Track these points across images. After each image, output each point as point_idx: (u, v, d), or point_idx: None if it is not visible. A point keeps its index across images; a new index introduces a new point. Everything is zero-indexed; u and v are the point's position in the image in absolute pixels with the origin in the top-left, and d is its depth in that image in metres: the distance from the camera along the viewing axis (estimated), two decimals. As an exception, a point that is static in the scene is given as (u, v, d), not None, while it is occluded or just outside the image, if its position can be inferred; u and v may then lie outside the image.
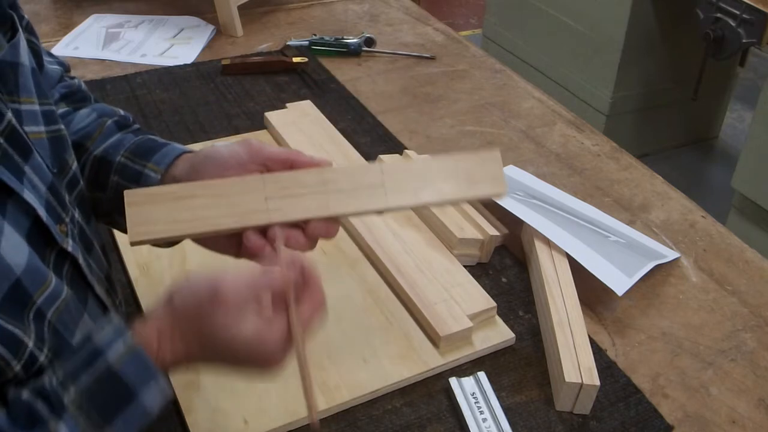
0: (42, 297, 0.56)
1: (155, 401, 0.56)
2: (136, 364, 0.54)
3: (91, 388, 0.53)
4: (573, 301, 0.84)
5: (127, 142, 0.72)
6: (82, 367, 0.54)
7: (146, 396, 0.55)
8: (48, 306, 0.57)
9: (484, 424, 0.72)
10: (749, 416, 0.77)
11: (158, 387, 0.56)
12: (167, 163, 0.68)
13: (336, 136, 1.14)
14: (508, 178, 1.09)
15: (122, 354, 0.54)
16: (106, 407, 0.53)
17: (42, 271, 0.57)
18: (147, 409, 0.55)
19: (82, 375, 0.53)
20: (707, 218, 1.07)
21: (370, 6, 1.71)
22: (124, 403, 0.54)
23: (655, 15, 2.56)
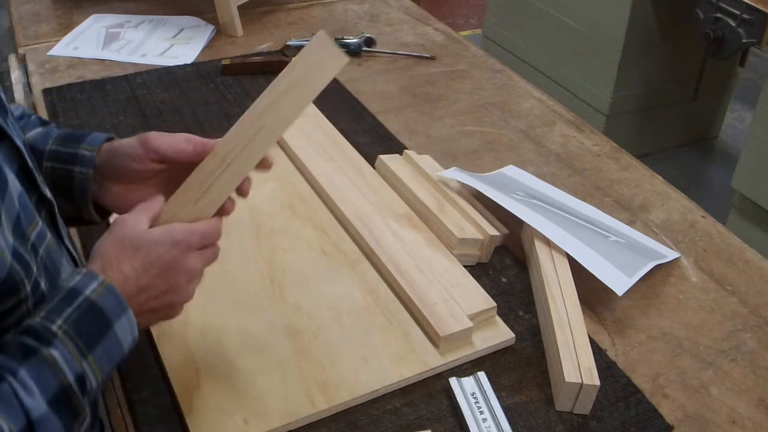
0: (33, 234, 0.63)
1: (127, 334, 0.62)
2: (112, 299, 0.61)
3: (75, 319, 0.59)
4: (573, 301, 0.84)
5: (53, 134, 0.77)
6: (64, 303, 0.59)
7: (120, 328, 0.61)
8: (39, 243, 0.64)
9: (484, 424, 0.72)
10: (749, 416, 0.77)
11: (128, 320, 0.62)
12: (99, 143, 0.75)
13: (336, 136, 1.14)
14: (508, 178, 1.09)
15: (98, 290, 0.60)
16: (89, 336, 0.59)
17: (31, 210, 0.64)
18: (121, 342, 0.61)
19: (65, 309, 0.59)
20: (707, 218, 1.07)
21: (370, 6, 1.71)
22: (103, 333, 0.60)
23: (655, 15, 2.56)
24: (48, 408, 0.56)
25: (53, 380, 0.57)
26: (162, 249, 0.64)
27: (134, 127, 1.19)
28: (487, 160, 1.17)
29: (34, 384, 0.56)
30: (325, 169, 1.05)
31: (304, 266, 0.91)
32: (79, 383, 0.58)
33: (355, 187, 1.02)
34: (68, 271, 0.68)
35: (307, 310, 0.84)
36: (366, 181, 1.04)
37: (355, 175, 1.05)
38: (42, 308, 0.59)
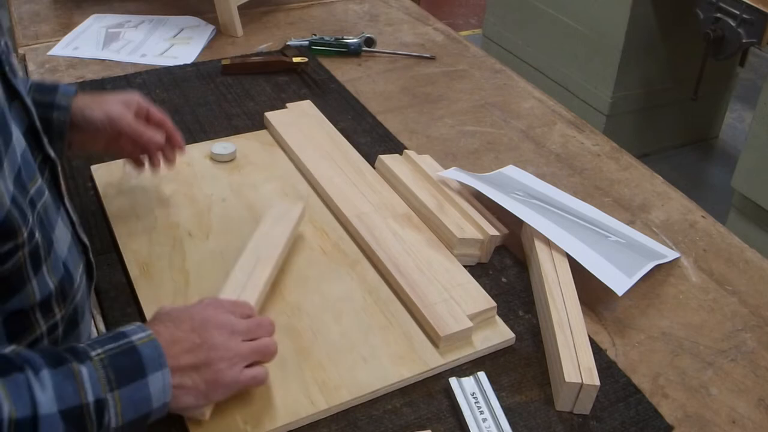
0: (33, 189, 0.66)
1: (159, 390, 0.63)
2: (154, 350, 0.63)
3: (115, 354, 0.62)
4: (573, 301, 0.84)
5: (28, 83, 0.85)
6: (109, 340, 0.63)
7: (153, 380, 0.62)
8: (37, 199, 0.67)
9: (484, 424, 0.72)
10: (749, 416, 0.77)
11: (164, 379, 0.63)
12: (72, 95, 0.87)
13: (336, 136, 1.14)
14: (508, 178, 1.09)
15: (143, 339, 0.64)
16: (122, 373, 0.61)
17: (33, 167, 0.67)
18: (151, 395, 0.62)
19: (107, 344, 0.62)
20: (707, 218, 1.07)
21: (370, 6, 1.71)
22: (136, 377, 0.61)
23: (655, 15, 2.56)
24: (58, 414, 0.56)
25: (73, 393, 0.58)
26: (195, 308, 0.71)
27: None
28: (487, 160, 1.17)
29: (52, 388, 0.57)
30: (325, 169, 1.06)
31: (304, 266, 0.91)
32: (97, 409, 0.59)
33: (355, 187, 1.02)
34: (63, 231, 0.72)
35: (307, 310, 0.84)
36: (366, 181, 1.04)
37: (355, 175, 1.05)
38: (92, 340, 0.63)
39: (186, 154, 1.11)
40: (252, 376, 0.70)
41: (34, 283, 0.66)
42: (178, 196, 1.01)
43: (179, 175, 1.05)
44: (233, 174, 1.07)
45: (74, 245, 0.75)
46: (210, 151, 1.09)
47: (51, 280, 0.68)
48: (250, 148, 1.13)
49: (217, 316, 0.70)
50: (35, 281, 0.66)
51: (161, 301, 0.84)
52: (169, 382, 0.63)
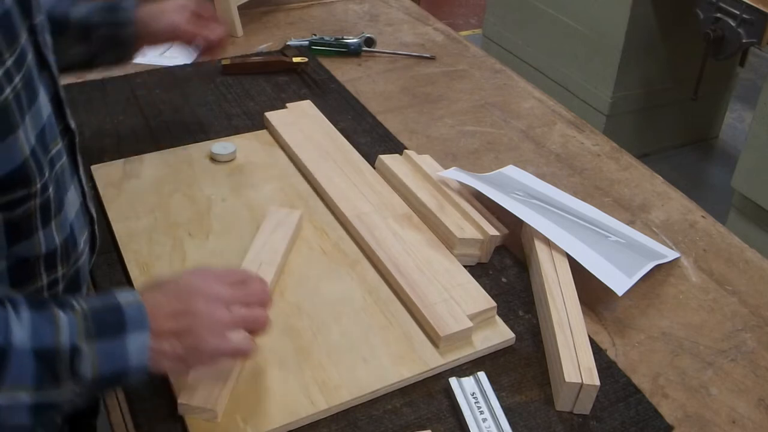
0: (53, 151, 0.71)
1: (136, 351, 0.63)
2: (138, 312, 0.64)
3: (97, 309, 0.63)
4: (573, 301, 0.84)
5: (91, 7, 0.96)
6: (96, 298, 0.65)
7: (132, 340, 0.63)
8: (57, 160, 0.72)
9: (484, 424, 0.72)
10: (749, 416, 0.77)
11: (144, 341, 0.63)
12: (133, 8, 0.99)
13: (336, 136, 1.14)
14: (508, 178, 1.09)
15: (130, 301, 0.65)
16: (101, 327, 0.62)
17: (55, 130, 0.73)
18: (128, 354, 0.63)
19: (93, 300, 0.64)
20: (707, 218, 1.07)
21: (370, 6, 1.71)
22: (115, 333, 0.62)
23: (655, 15, 2.56)
24: (30, 350, 0.58)
25: (49, 335, 0.59)
26: (184, 275, 0.71)
27: (134, 127, 1.19)
28: (487, 160, 1.17)
29: (30, 326, 0.59)
30: (325, 169, 1.06)
31: (304, 266, 0.91)
32: (71, 355, 0.60)
33: (355, 187, 1.02)
34: (74, 197, 0.77)
35: (307, 310, 0.84)
36: (366, 181, 1.04)
37: (355, 175, 1.05)
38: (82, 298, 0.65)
39: (186, 154, 1.11)
40: (236, 346, 0.69)
41: (41, 235, 0.70)
42: (178, 196, 1.01)
43: (179, 175, 1.05)
44: (233, 174, 1.07)
45: (82, 214, 0.79)
46: (210, 151, 1.09)
47: (57, 237, 0.72)
48: (250, 148, 1.13)
49: (204, 284, 0.70)
50: (42, 233, 0.70)
51: (161, 301, 0.84)
52: (148, 344, 0.64)
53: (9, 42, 0.63)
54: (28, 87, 0.66)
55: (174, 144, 1.13)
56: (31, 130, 0.66)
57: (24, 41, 0.66)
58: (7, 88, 0.62)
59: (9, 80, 0.62)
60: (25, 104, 0.65)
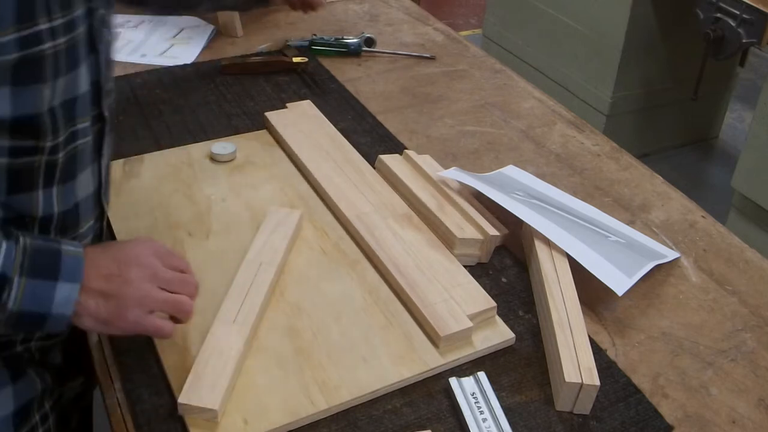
0: (79, 125, 0.74)
1: (61, 300, 0.67)
2: (75, 264, 0.68)
3: (38, 248, 0.67)
4: (573, 301, 0.84)
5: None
6: (43, 238, 0.69)
7: (61, 288, 0.66)
8: (79, 137, 0.74)
9: (484, 424, 0.72)
10: (749, 416, 0.77)
11: (71, 293, 0.67)
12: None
13: (336, 136, 1.14)
14: (508, 178, 1.09)
15: (71, 251, 0.68)
16: (35, 265, 0.66)
17: (87, 107, 0.75)
18: (52, 300, 0.66)
19: (39, 240, 0.68)
20: (707, 218, 1.07)
21: (370, 6, 1.71)
22: (47, 276, 0.66)
23: (655, 15, 2.56)
24: None
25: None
26: (129, 242, 0.75)
27: (134, 127, 1.19)
28: (487, 160, 1.17)
29: None
30: (325, 169, 1.06)
31: (304, 266, 0.91)
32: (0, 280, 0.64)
33: (355, 187, 1.02)
34: (87, 181, 0.79)
35: (307, 310, 0.84)
36: (366, 181, 1.04)
37: (355, 175, 1.05)
38: None
39: (186, 154, 1.11)
40: (156, 325, 0.72)
41: (39, 195, 0.73)
42: (178, 196, 1.01)
43: (179, 175, 1.05)
44: (233, 174, 1.07)
45: (92, 202, 0.81)
46: (210, 151, 1.09)
47: (57, 206, 0.75)
48: (250, 148, 1.13)
49: (144, 257, 0.73)
50: (41, 194, 0.73)
51: (161, 301, 0.84)
52: (75, 298, 0.67)
53: (63, 6, 0.67)
54: (70, 55, 0.69)
55: (174, 144, 1.13)
56: (59, 93, 0.69)
57: (78, 14, 0.69)
58: (48, 43, 0.66)
59: (52, 37, 0.66)
60: (61, 67, 0.68)
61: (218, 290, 0.85)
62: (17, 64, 0.64)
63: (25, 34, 0.64)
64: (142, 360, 0.78)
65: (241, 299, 0.82)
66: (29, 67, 0.65)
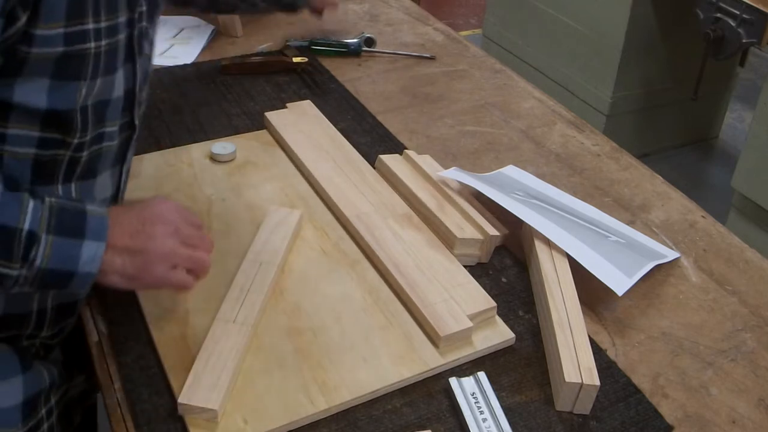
0: (109, 128, 0.77)
1: (88, 258, 0.68)
2: (100, 224, 0.69)
3: (65, 208, 0.68)
4: (573, 301, 0.84)
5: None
6: (68, 199, 0.71)
7: (87, 246, 0.68)
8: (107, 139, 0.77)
9: (484, 424, 0.72)
10: (749, 416, 0.77)
11: (97, 251, 0.69)
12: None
13: (336, 136, 1.14)
14: (508, 178, 1.09)
15: (96, 212, 0.70)
16: (62, 224, 0.67)
17: (118, 112, 0.77)
18: (78, 258, 0.68)
19: (64, 200, 0.70)
20: (707, 218, 1.07)
21: (370, 6, 1.71)
22: (73, 235, 0.68)
23: (655, 15, 2.56)
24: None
25: (13, 214, 0.65)
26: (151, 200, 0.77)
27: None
28: (487, 160, 1.17)
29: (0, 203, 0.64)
30: (325, 169, 1.06)
31: (304, 266, 0.91)
32: (27, 239, 0.65)
33: (355, 187, 1.02)
34: (105, 184, 0.81)
35: (307, 310, 0.84)
36: (366, 181, 1.04)
37: (355, 175, 1.05)
38: None
39: (186, 153, 1.11)
40: (180, 279, 0.75)
41: (59, 189, 0.75)
42: (178, 196, 1.01)
43: (179, 175, 1.05)
44: (233, 174, 1.07)
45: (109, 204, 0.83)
46: (210, 151, 1.09)
47: None
48: (250, 148, 1.13)
49: (167, 214, 0.75)
50: (61, 188, 0.76)
51: (161, 301, 0.84)
52: (101, 255, 0.69)
53: (109, 10, 0.70)
54: (109, 59, 0.72)
55: (174, 144, 1.13)
56: (94, 93, 0.72)
57: (122, 22, 0.72)
58: (92, 42, 0.68)
59: (96, 38, 0.69)
60: (100, 69, 0.71)
61: (218, 290, 0.85)
62: (60, 58, 0.67)
63: (71, 31, 0.66)
64: (142, 360, 0.78)
65: (241, 299, 0.82)
66: (71, 62, 0.68)
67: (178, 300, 0.84)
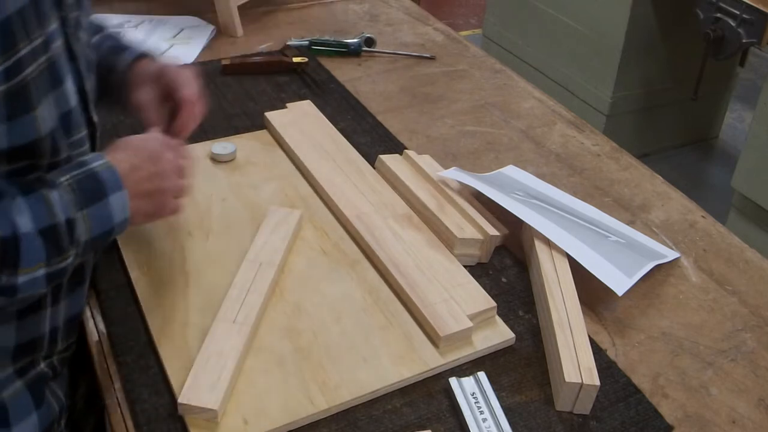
0: (76, 136, 0.75)
1: (119, 208, 0.72)
2: (111, 174, 0.72)
3: (80, 179, 0.70)
4: (573, 301, 0.84)
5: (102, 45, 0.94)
6: (72, 168, 0.71)
7: (114, 200, 0.71)
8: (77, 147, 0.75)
9: (484, 424, 0.72)
10: (749, 416, 0.77)
11: (122, 199, 0.72)
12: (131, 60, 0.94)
13: (336, 136, 1.14)
14: (508, 178, 1.09)
15: (102, 165, 0.72)
16: (87, 195, 0.70)
17: (81, 119, 0.76)
18: (112, 213, 0.71)
19: (72, 171, 0.70)
20: (707, 218, 1.07)
21: (370, 6, 1.71)
22: (99, 197, 0.70)
23: (655, 15, 2.56)
24: (35, 232, 0.65)
25: (46, 215, 0.66)
26: (150, 140, 0.80)
27: (134, 126, 1.18)
28: (487, 160, 1.17)
29: (28, 211, 0.65)
30: (325, 169, 1.06)
31: (304, 266, 0.91)
32: (68, 226, 0.68)
33: (355, 187, 1.02)
34: None
35: (307, 310, 0.84)
36: (366, 181, 1.04)
37: (355, 175, 1.05)
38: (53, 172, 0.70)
39: (186, 154, 1.10)
40: (180, 206, 0.81)
41: None
42: (178, 196, 1.01)
43: (179, 175, 1.05)
44: (233, 174, 1.07)
45: None
46: (210, 151, 1.09)
47: None
48: (250, 148, 1.13)
49: (167, 151, 0.79)
50: None
51: (161, 301, 0.84)
52: (126, 201, 0.72)
53: (40, 22, 0.67)
54: (52, 71, 0.70)
55: (174, 144, 1.13)
56: (53, 110, 0.70)
57: (54, 29, 0.69)
58: (29, 67, 0.65)
59: (33, 58, 0.66)
60: (46, 86, 0.69)
61: (218, 290, 0.85)
62: (3, 97, 0.63)
63: (8, 65, 0.63)
64: (142, 360, 0.78)
65: (241, 299, 0.82)
66: (16, 98, 0.65)
67: (178, 300, 0.84)
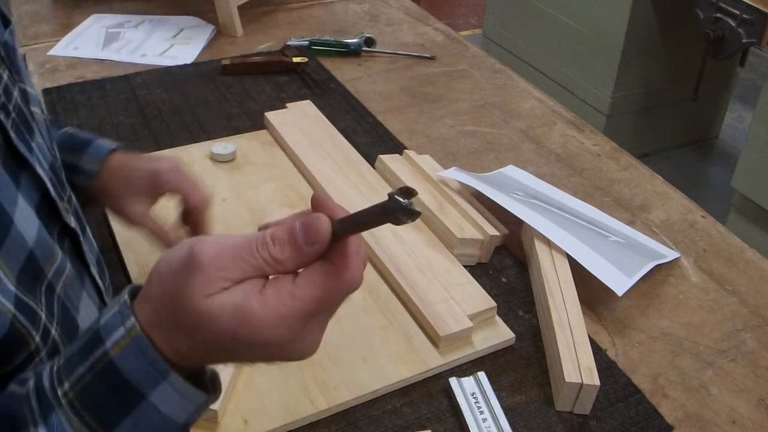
0: (51, 271, 0.56)
1: (175, 405, 0.45)
2: (140, 358, 0.44)
3: (88, 384, 0.44)
4: (573, 301, 0.84)
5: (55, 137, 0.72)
6: (79, 354, 0.45)
7: (159, 397, 0.44)
8: (56, 280, 0.57)
9: (484, 424, 0.72)
10: (749, 416, 0.77)
11: (175, 386, 0.44)
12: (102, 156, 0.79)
13: (336, 136, 1.14)
14: (508, 178, 1.09)
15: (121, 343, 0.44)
16: (103, 408, 0.44)
17: (50, 245, 0.57)
18: (162, 417, 0.44)
19: (78, 365, 0.45)
20: (707, 218, 1.07)
21: (370, 6, 1.71)
22: (129, 406, 0.44)
23: (655, 15, 2.56)
24: None
25: None
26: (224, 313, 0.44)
27: (134, 127, 1.19)
28: (487, 160, 1.17)
29: None
30: (325, 169, 1.05)
31: (304, 266, 0.91)
32: None
33: (355, 187, 1.02)
34: (88, 306, 0.62)
35: (307, 310, 0.84)
36: (366, 181, 1.04)
37: (355, 175, 1.05)
38: (64, 352, 0.47)
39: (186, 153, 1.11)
40: None
41: None
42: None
43: (179, 175, 1.05)
44: (233, 174, 1.07)
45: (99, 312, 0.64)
46: (210, 151, 1.09)
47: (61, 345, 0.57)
48: (250, 148, 1.13)
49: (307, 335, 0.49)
50: None
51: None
52: (187, 387, 0.45)
53: None
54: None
55: (174, 144, 1.13)
56: (9, 276, 0.51)
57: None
58: None
59: None
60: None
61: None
62: None
63: None
64: (142, 360, 0.78)
65: None
66: None
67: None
